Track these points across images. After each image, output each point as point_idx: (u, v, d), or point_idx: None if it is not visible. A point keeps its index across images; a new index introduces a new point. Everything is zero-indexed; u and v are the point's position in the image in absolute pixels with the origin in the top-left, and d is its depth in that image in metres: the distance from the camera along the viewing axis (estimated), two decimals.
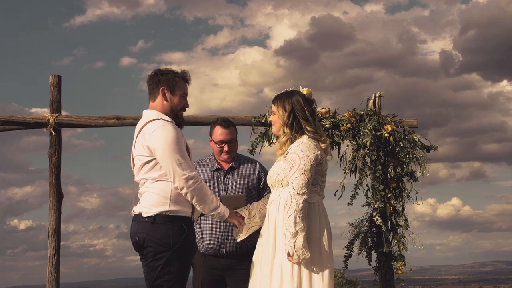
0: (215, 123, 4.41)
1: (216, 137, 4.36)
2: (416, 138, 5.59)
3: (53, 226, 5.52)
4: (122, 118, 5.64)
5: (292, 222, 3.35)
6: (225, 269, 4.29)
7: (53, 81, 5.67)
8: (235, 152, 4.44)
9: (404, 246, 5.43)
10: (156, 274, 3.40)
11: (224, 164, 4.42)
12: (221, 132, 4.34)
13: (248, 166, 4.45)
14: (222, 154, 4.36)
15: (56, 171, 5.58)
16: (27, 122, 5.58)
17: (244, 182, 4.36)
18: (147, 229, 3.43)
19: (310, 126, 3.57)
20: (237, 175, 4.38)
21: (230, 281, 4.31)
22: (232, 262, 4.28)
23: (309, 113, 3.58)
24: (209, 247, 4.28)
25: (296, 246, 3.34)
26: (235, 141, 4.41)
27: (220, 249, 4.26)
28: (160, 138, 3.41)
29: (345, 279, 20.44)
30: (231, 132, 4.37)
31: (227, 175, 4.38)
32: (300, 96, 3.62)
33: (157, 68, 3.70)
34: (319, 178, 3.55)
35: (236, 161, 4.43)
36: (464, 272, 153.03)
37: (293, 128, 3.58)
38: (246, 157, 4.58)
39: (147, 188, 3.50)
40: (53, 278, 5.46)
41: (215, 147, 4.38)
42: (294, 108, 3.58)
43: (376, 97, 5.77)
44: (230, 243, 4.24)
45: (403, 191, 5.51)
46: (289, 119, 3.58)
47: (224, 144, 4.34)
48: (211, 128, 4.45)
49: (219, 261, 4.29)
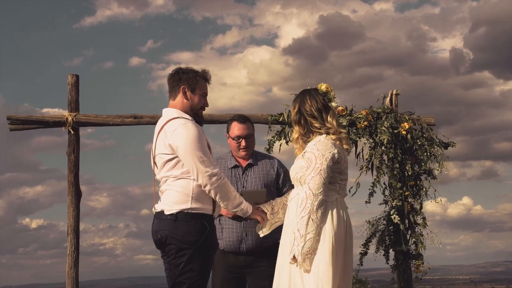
0: (232, 119, 4.42)
1: (233, 133, 4.36)
2: (434, 136, 5.57)
3: (72, 223, 5.56)
4: (139, 117, 5.67)
5: (304, 224, 3.35)
6: (245, 267, 4.28)
7: (71, 80, 5.71)
8: (252, 148, 4.44)
9: (422, 245, 5.41)
10: (178, 271, 3.42)
11: (242, 161, 4.42)
12: (238, 127, 4.35)
13: (266, 163, 4.45)
14: (240, 151, 4.37)
15: (74, 169, 5.61)
16: (46, 121, 5.63)
17: (262, 178, 4.36)
18: (169, 226, 3.45)
19: (317, 123, 3.57)
20: (256, 172, 4.38)
21: (250, 279, 4.30)
22: (252, 259, 4.27)
23: (316, 109, 3.58)
24: (229, 244, 4.27)
25: (303, 250, 3.34)
26: (252, 136, 4.41)
27: (240, 246, 4.26)
28: (182, 136, 3.43)
29: (355, 278, 20.38)
30: (247, 127, 4.37)
31: (245, 172, 4.38)
32: (309, 94, 3.64)
33: (177, 67, 3.72)
34: (337, 177, 3.54)
35: (254, 158, 4.43)
36: (475, 272, 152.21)
37: (301, 125, 3.61)
38: (264, 154, 4.58)
39: (169, 186, 3.52)
40: (72, 276, 5.49)
41: (233, 143, 4.39)
42: (301, 106, 3.60)
43: (393, 94, 5.76)
44: (250, 240, 4.24)
45: (421, 189, 5.50)
46: (296, 117, 3.62)
47: (241, 139, 4.34)
48: (227, 125, 4.46)
49: (238, 259, 4.29)
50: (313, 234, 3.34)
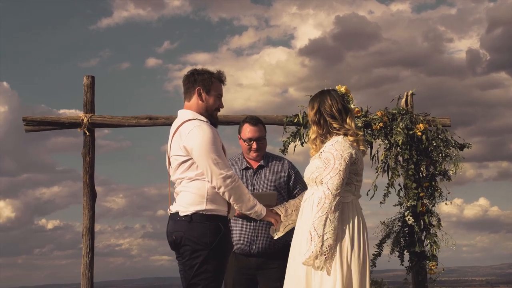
0: (244, 121, 4.43)
1: (244, 135, 4.37)
2: (449, 137, 5.54)
3: (87, 225, 5.58)
4: (155, 118, 5.68)
5: (322, 224, 3.33)
6: (256, 268, 4.28)
7: (87, 81, 5.74)
8: (263, 150, 4.43)
9: (437, 246, 5.38)
10: (193, 273, 3.42)
11: (253, 162, 4.42)
12: (249, 129, 4.35)
13: (277, 164, 4.44)
14: (250, 152, 4.37)
15: (90, 170, 5.64)
16: (61, 122, 5.66)
17: (273, 180, 4.36)
18: (184, 228, 3.45)
19: (336, 123, 3.56)
20: (267, 174, 4.38)
21: (262, 280, 4.30)
22: (263, 261, 4.27)
23: (336, 110, 3.56)
24: (239, 246, 4.27)
25: (321, 250, 3.32)
26: (264, 139, 4.41)
27: (251, 248, 4.26)
28: (197, 138, 3.43)
29: (370, 279, 20.33)
30: (259, 129, 4.38)
31: (256, 173, 4.38)
32: (330, 93, 3.62)
33: (193, 68, 3.72)
34: (353, 178, 3.53)
35: (265, 160, 4.43)
36: (492, 274, 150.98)
37: (320, 126, 3.59)
38: (275, 156, 4.58)
39: (184, 187, 3.53)
40: (87, 277, 5.52)
41: (244, 145, 4.39)
42: (321, 106, 3.59)
43: (408, 95, 5.74)
44: (261, 242, 4.24)
45: (436, 191, 5.47)
46: (315, 117, 3.60)
47: (253, 142, 4.34)
48: (239, 127, 4.46)
49: (250, 260, 4.28)
50: (331, 234, 3.33)
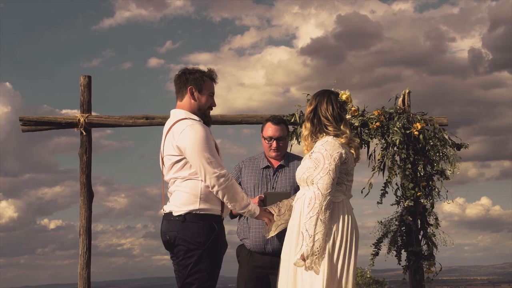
0: (267, 119, 4.44)
1: (266, 133, 4.39)
2: (446, 136, 5.53)
3: (84, 224, 5.60)
4: (151, 118, 5.69)
5: (313, 224, 3.35)
6: (270, 267, 4.27)
7: (84, 81, 5.75)
8: (284, 150, 4.45)
9: (434, 245, 5.38)
10: (187, 272, 3.43)
11: (274, 161, 4.43)
12: (271, 128, 4.37)
13: (297, 164, 4.43)
14: (270, 151, 4.39)
15: (86, 170, 5.66)
16: (58, 122, 5.67)
17: (292, 180, 4.33)
18: (177, 227, 3.45)
19: (332, 127, 3.56)
20: (286, 173, 4.39)
21: (274, 279, 4.30)
22: (278, 260, 4.27)
23: (331, 113, 3.57)
24: (255, 244, 4.28)
25: (312, 250, 3.34)
26: (285, 138, 4.42)
27: (266, 246, 4.26)
28: (190, 137, 3.43)
29: (372, 279, 20.26)
30: (281, 129, 4.38)
31: (276, 173, 4.39)
32: (329, 97, 3.62)
33: (184, 68, 3.72)
34: (344, 178, 3.54)
35: (286, 159, 4.44)
36: (493, 273, 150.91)
37: (313, 124, 3.60)
38: (296, 156, 4.57)
39: (177, 187, 3.53)
40: (84, 276, 5.53)
41: (265, 144, 4.41)
42: (318, 105, 3.60)
43: (405, 94, 5.73)
44: (276, 241, 4.22)
45: (433, 190, 5.46)
46: (310, 114, 3.61)
47: (273, 141, 4.36)
48: (262, 125, 4.48)
49: (264, 259, 4.29)
50: (322, 235, 3.34)
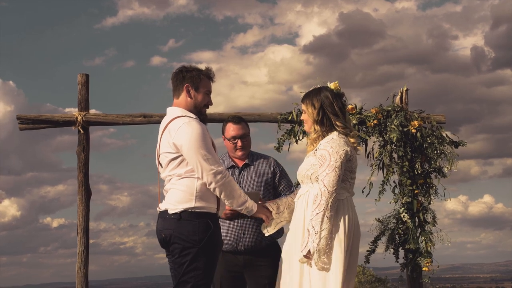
0: (227, 121, 4.46)
1: (228, 134, 4.39)
2: (444, 134, 5.52)
3: (81, 223, 5.58)
4: (149, 116, 5.68)
5: (319, 221, 3.35)
6: (244, 266, 4.27)
7: (81, 79, 5.74)
8: (248, 148, 4.45)
9: (432, 243, 5.37)
10: (183, 270, 3.42)
11: (238, 161, 4.43)
12: (233, 128, 4.37)
13: (262, 162, 4.46)
14: (236, 151, 4.38)
15: (84, 168, 5.64)
16: (55, 120, 5.65)
17: (259, 178, 4.36)
18: (173, 225, 3.45)
19: (339, 122, 3.56)
20: (252, 172, 4.39)
21: (250, 278, 4.29)
22: (251, 258, 4.26)
23: (338, 108, 3.57)
24: (226, 243, 4.21)
25: (318, 246, 3.34)
26: (248, 136, 4.43)
27: (238, 245, 4.24)
28: (186, 135, 3.43)
29: (374, 277, 20.30)
30: (242, 127, 4.40)
31: (242, 172, 4.39)
32: (329, 91, 3.61)
33: (181, 65, 3.72)
34: (348, 175, 3.54)
35: (250, 158, 4.44)
36: (496, 271, 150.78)
37: (323, 124, 3.58)
38: (260, 154, 4.58)
39: (173, 185, 3.53)
40: (82, 275, 5.52)
41: (229, 144, 4.41)
42: (323, 104, 3.57)
43: (403, 92, 5.72)
44: (248, 239, 4.22)
45: (431, 187, 5.45)
46: (318, 116, 3.58)
47: (237, 140, 4.36)
48: (223, 127, 4.49)
49: (237, 258, 4.27)
50: (328, 231, 3.35)
